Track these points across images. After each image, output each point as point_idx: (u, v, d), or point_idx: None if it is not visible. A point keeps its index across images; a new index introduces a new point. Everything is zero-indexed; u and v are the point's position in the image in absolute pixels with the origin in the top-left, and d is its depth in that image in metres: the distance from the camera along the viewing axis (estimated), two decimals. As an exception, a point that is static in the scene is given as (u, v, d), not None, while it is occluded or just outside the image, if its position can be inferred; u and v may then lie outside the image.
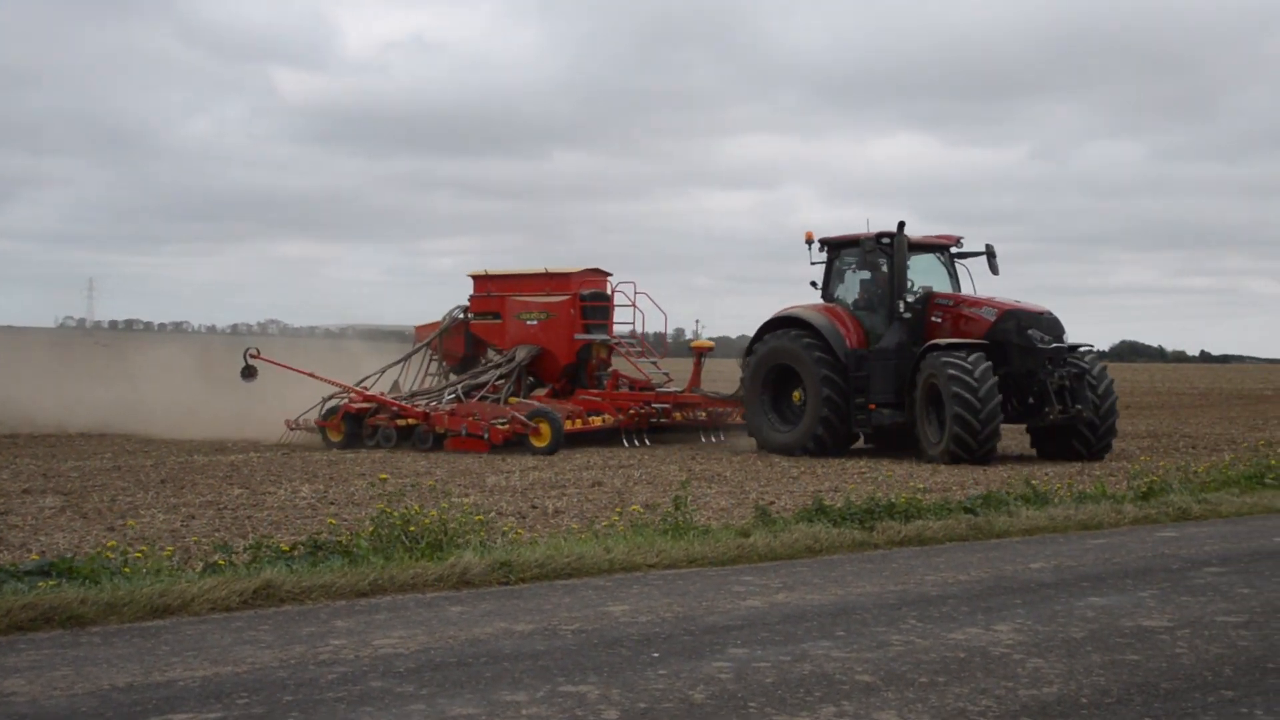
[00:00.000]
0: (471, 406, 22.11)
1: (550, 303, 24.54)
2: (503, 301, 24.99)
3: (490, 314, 25.13)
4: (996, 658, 6.77)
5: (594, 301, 24.80)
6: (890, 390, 20.29)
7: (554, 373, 24.51)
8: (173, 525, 11.85)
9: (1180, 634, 7.35)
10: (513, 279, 25.64)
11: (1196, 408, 37.85)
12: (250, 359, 22.32)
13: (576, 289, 24.60)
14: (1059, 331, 20.19)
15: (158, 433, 23.88)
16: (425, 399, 23.23)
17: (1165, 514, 12.44)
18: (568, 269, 25.19)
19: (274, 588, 8.07)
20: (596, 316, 24.80)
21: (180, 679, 6.25)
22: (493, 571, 8.82)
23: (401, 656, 6.71)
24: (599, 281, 25.35)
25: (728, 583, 8.89)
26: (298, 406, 23.26)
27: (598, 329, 24.71)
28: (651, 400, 23.41)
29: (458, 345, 25.42)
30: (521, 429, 21.07)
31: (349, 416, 22.45)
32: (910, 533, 10.83)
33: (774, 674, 6.41)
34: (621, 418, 23.00)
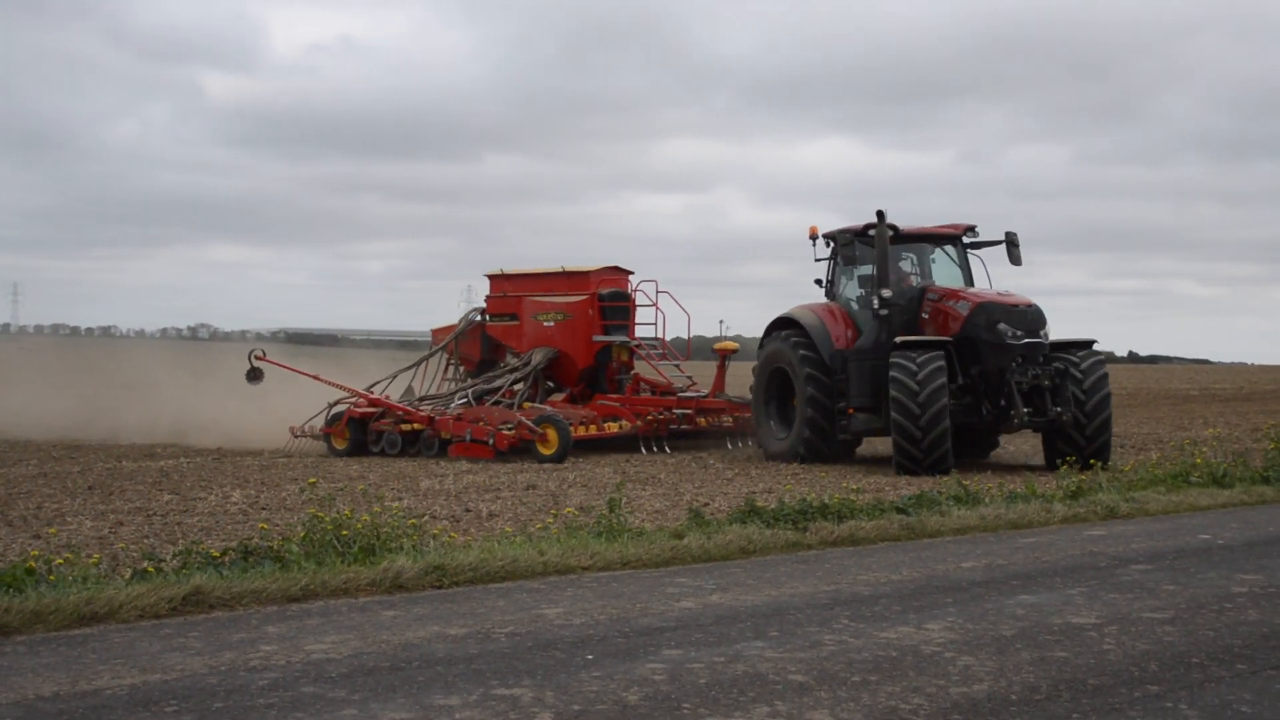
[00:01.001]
0: (478, 411, 21.16)
1: (567, 303, 23.44)
2: (519, 302, 23.91)
3: (507, 315, 24.10)
4: (928, 656, 6.83)
5: (613, 301, 23.67)
6: (867, 394, 18.95)
7: (572, 376, 23.52)
8: (100, 532, 11.68)
9: (1108, 631, 7.46)
10: (529, 278, 24.45)
11: (1124, 407, 38.33)
12: (256, 361, 21.74)
13: (595, 288, 23.49)
14: (1035, 325, 18.48)
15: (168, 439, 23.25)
16: (433, 404, 22.32)
17: (1094, 513, 12.61)
18: (586, 267, 24.04)
19: (204, 594, 7.97)
20: (616, 317, 23.63)
21: (108, 688, 6.15)
22: (426, 575, 8.78)
23: (334, 661, 6.66)
24: (619, 280, 24.16)
25: (662, 584, 8.90)
26: (292, 413, 22.46)
27: (617, 330, 23.54)
28: (672, 405, 22.26)
29: (474, 349, 24.49)
30: (528, 435, 20.01)
31: (353, 422, 21.55)
32: (843, 533, 10.90)
33: (708, 675, 6.42)
34: (639, 424, 21.76)
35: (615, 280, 23.99)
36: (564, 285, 23.85)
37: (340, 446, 21.40)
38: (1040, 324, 18.63)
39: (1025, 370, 18.27)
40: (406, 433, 21.23)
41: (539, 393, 23.20)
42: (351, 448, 21.29)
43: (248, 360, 21.97)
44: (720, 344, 23.86)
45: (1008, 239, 20.26)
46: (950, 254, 20.51)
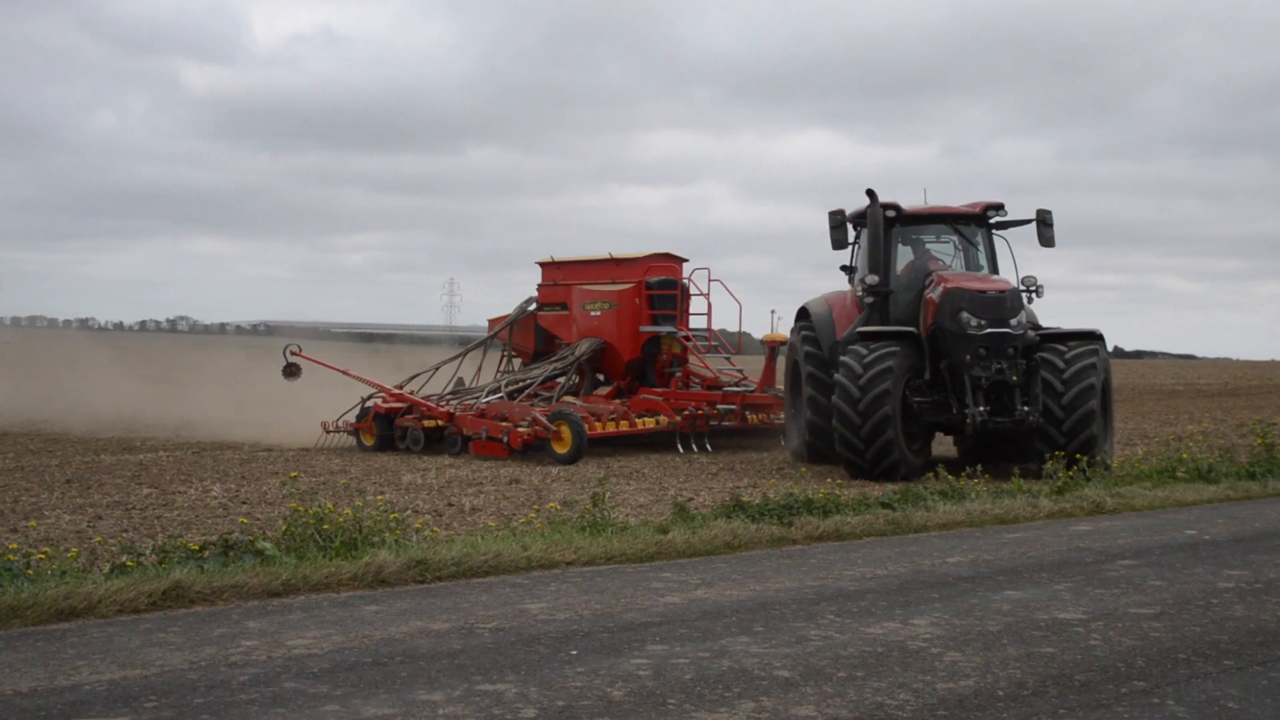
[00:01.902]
0: (500, 407, 19.85)
1: (614, 291, 22.04)
2: (569, 291, 22.59)
3: (557, 305, 22.84)
4: (914, 652, 6.79)
5: (662, 290, 22.01)
6: None
7: (618, 369, 22.19)
8: (79, 526, 11.58)
9: (1094, 626, 7.43)
10: (578, 266, 23.16)
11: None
12: (292, 356, 21.36)
13: (642, 276, 21.99)
14: (1002, 313, 16.59)
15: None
16: (459, 398, 21.31)
17: (1080, 508, 12.61)
18: (634, 254, 22.63)
19: (184, 588, 7.90)
20: (665, 307, 21.97)
21: (86, 683, 6.08)
22: (408, 570, 8.71)
23: (315, 657, 6.59)
24: (669, 268, 22.48)
25: (646, 579, 8.85)
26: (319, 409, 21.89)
27: (666, 321, 21.90)
28: (715, 400, 20.79)
29: (529, 339, 23.30)
30: (543, 433, 18.66)
31: (380, 418, 20.76)
32: (828, 528, 10.87)
33: (693, 670, 6.38)
34: (678, 420, 20.23)
35: (665, 268, 22.44)
36: (611, 273, 22.51)
37: (368, 443, 20.79)
38: (1009, 312, 16.64)
39: (989, 364, 16.45)
40: (429, 429, 20.38)
41: (584, 385, 22.15)
42: (379, 443, 20.63)
43: (284, 356, 21.64)
44: (769, 336, 21.87)
45: (1039, 217, 18.09)
46: (971, 236, 18.42)
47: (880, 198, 17.67)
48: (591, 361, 22.27)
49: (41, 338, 64.12)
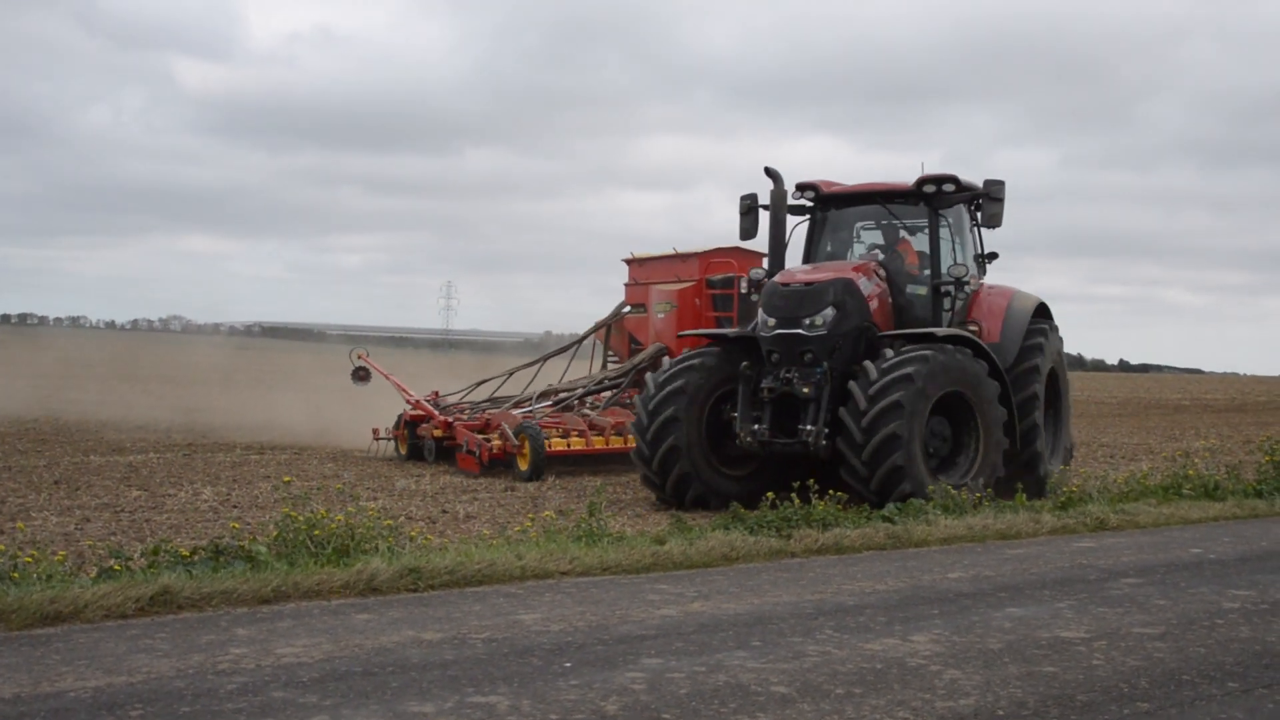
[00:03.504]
0: (501, 417, 18.52)
1: (674, 291, 20.32)
2: (646, 291, 21.01)
3: (639, 306, 21.25)
4: (913, 669, 6.69)
5: (725, 289, 19.95)
6: None
7: None
8: (66, 528, 11.46)
9: (1097, 645, 7.33)
10: (651, 263, 21.56)
11: (1115, 417, 38.42)
12: (358, 360, 21.11)
13: (703, 274, 20.23)
14: (796, 311, 13.92)
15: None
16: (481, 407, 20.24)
17: (1083, 524, 12.50)
18: (695, 249, 20.77)
19: (172, 594, 7.78)
20: (727, 308, 19.82)
21: (71, 689, 5.97)
22: (401, 578, 8.60)
23: (305, 666, 6.48)
24: (732, 264, 20.19)
25: (642, 591, 8.74)
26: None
27: (727, 323, 19.22)
28: None
29: (623, 343, 21.80)
30: (511, 448, 17.51)
31: (409, 425, 20.11)
32: (828, 541, 10.76)
33: (688, 685, 6.27)
34: None
35: (727, 264, 20.25)
36: (676, 271, 20.83)
37: (403, 450, 20.27)
38: (807, 309, 13.93)
39: (777, 372, 13.97)
40: (439, 438, 19.63)
41: None
42: (410, 452, 20.08)
43: (350, 360, 21.41)
44: None
45: (985, 190, 14.97)
46: (909, 217, 15.72)
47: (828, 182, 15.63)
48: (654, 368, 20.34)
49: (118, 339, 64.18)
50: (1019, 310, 15.79)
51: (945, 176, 14.86)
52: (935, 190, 14.91)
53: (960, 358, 13.65)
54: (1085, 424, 34.11)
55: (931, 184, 14.89)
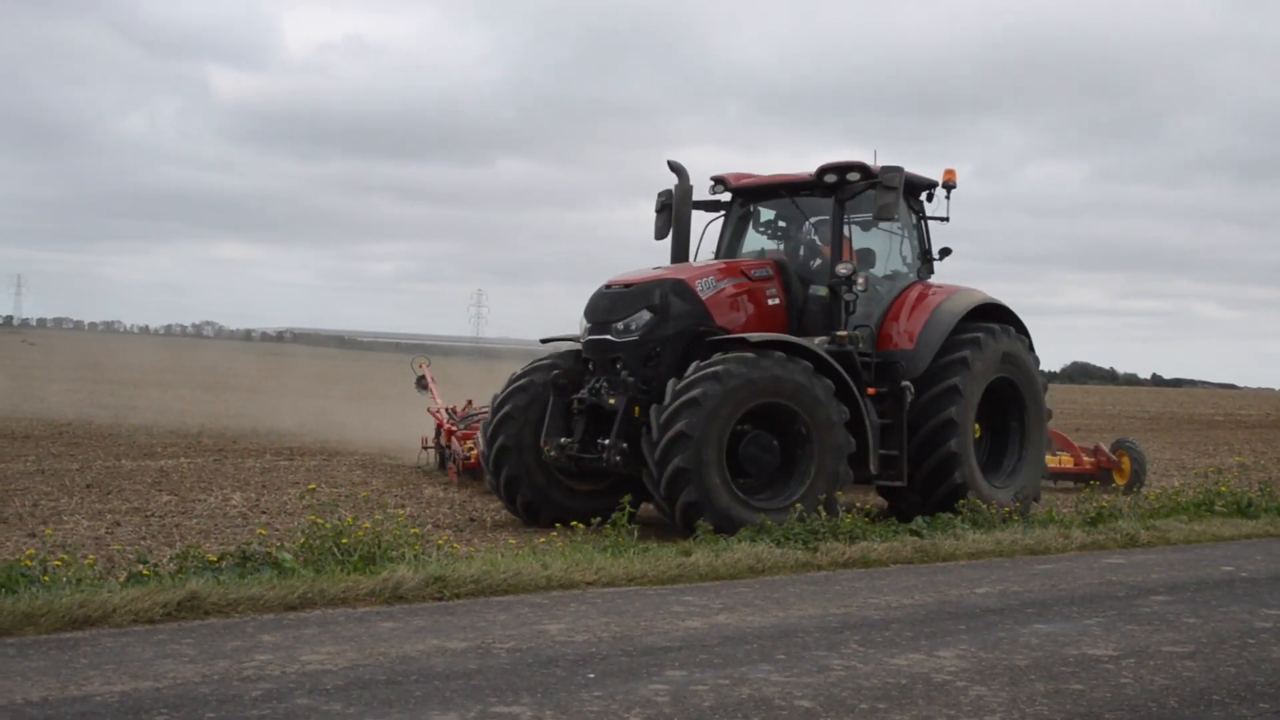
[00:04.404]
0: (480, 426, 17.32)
1: None
2: None
3: None
4: (939, 685, 6.64)
5: None
6: None
7: None
8: (97, 532, 11.52)
9: (1125, 663, 7.26)
10: None
11: (1147, 432, 38.13)
12: (419, 369, 21.12)
13: None
14: (608, 315, 13.04)
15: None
16: None
17: (1113, 540, 12.40)
18: None
19: (199, 600, 7.81)
20: None
21: (98, 693, 5.99)
22: (427, 586, 8.60)
23: (329, 673, 6.49)
24: None
25: (667, 602, 8.72)
26: None
27: None
28: None
29: None
30: None
31: (436, 433, 19.69)
32: (854, 554, 10.71)
33: (712, 697, 6.25)
34: None
35: None
36: None
37: (437, 459, 19.78)
38: (618, 313, 12.95)
39: (596, 381, 13.05)
40: None
41: None
42: (439, 461, 19.56)
43: (412, 369, 21.45)
44: None
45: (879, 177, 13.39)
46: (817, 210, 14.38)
47: None
48: None
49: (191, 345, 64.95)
50: (945, 314, 13.90)
51: (850, 164, 13.57)
52: (837, 180, 13.61)
53: (774, 367, 12.16)
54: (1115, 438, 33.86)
55: (833, 173, 13.63)
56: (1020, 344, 14.54)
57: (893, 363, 13.58)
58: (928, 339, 13.71)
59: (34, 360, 59.06)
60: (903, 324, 13.90)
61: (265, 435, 24.25)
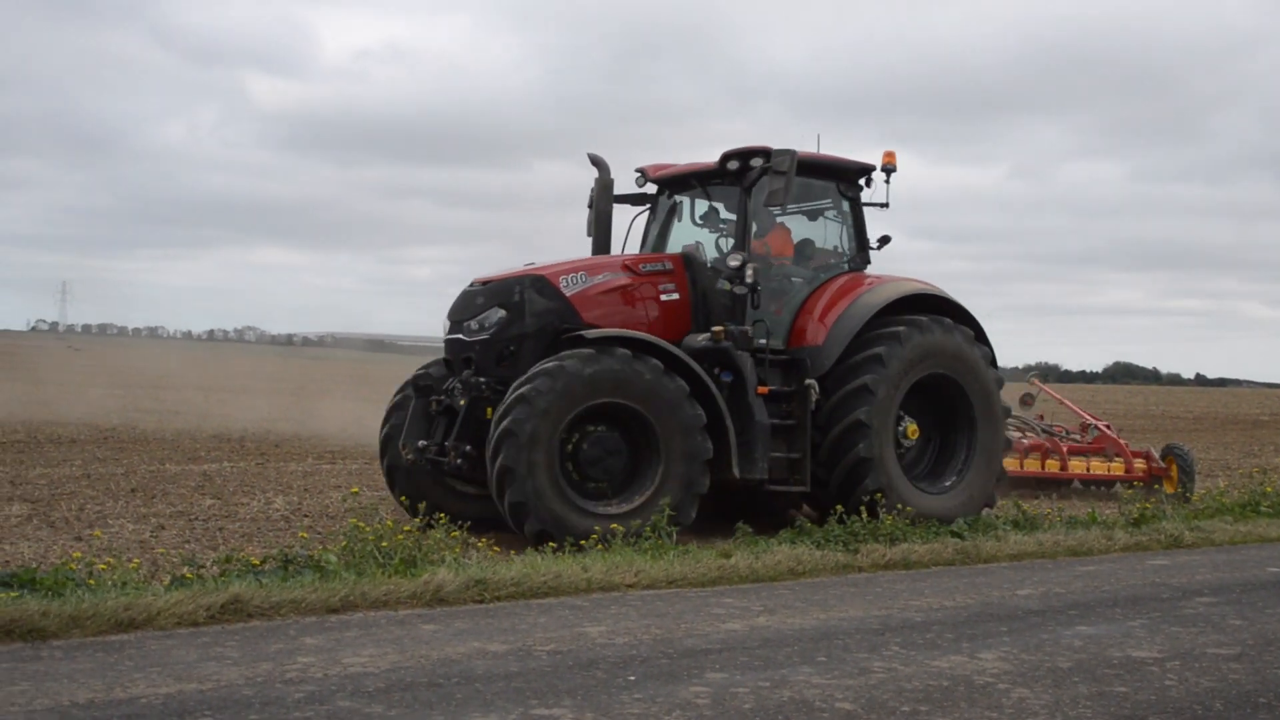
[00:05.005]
0: None
1: None
2: None
3: None
4: (981, 687, 6.61)
5: None
6: None
7: None
8: (141, 536, 11.62)
9: (1170, 665, 7.20)
10: None
11: (1191, 432, 37.72)
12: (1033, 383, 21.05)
13: None
14: (463, 314, 12.62)
15: None
16: None
17: (1157, 541, 12.30)
18: None
19: (242, 603, 7.87)
20: None
21: (143, 696, 6.05)
22: (467, 589, 8.64)
23: (371, 675, 6.53)
24: None
25: (707, 605, 8.72)
26: None
27: None
28: None
29: None
30: None
31: None
32: (895, 556, 10.68)
33: (753, 700, 6.24)
34: None
35: None
36: None
37: None
38: (470, 312, 12.53)
39: (451, 382, 12.63)
40: None
41: None
42: None
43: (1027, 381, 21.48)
44: None
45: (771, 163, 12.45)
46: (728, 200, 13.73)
47: None
48: None
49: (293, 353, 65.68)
50: (861, 307, 13.00)
51: (753, 150, 12.73)
52: (739, 167, 12.89)
53: (615, 365, 11.52)
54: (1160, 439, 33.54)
55: (736, 159, 12.91)
56: (960, 337, 13.32)
57: (800, 360, 12.80)
58: (838, 334, 12.83)
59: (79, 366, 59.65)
60: (816, 318, 13.04)
61: (307, 439, 24.41)
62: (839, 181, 13.64)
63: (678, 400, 11.62)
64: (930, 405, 13.39)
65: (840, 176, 13.61)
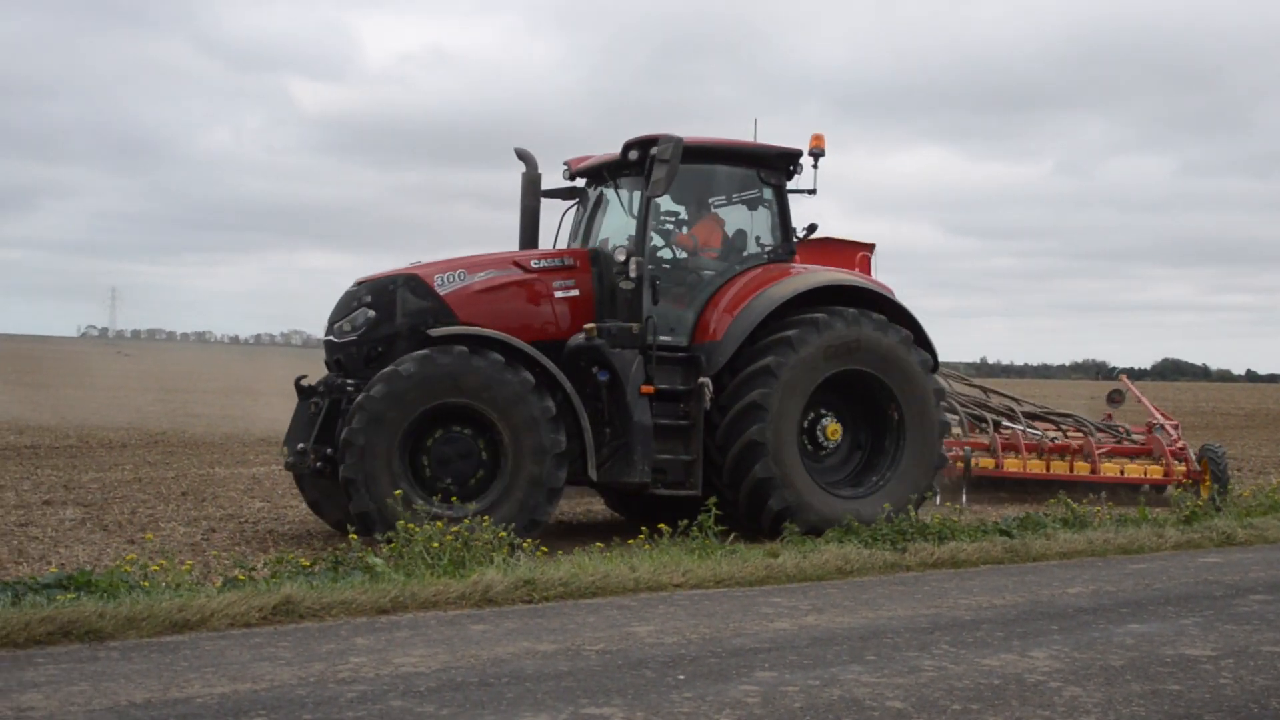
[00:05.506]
0: None
1: None
2: None
3: None
4: (1032, 685, 6.58)
5: None
6: None
7: None
8: (193, 539, 11.76)
9: (1224, 664, 7.13)
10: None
11: (1242, 429, 37.34)
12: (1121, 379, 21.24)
13: None
14: (338, 314, 12.26)
15: None
16: None
17: (1209, 539, 12.17)
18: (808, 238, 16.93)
19: (294, 604, 7.94)
20: None
21: (199, 695, 6.13)
22: (516, 590, 8.68)
23: (422, 675, 6.58)
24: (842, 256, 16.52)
25: (755, 604, 8.72)
26: None
27: None
28: None
29: None
30: None
31: None
32: (943, 555, 10.63)
33: (802, 699, 6.24)
34: None
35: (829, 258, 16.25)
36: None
37: None
38: (340, 313, 12.22)
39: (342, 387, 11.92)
40: None
41: None
42: None
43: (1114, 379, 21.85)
44: None
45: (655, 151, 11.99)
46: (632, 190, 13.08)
47: None
48: None
49: None
50: (764, 300, 12.32)
51: (653, 139, 12.16)
52: (639, 156, 12.32)
53: (453, 364, 11.18)
54: (1210, 435, 33.22)
55: (636, 149, 12.35)
56: (882, 330, 12.48)
57: (697, 358, 12.26)
58: (735, 330, 12.19)
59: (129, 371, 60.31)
60: (719, 313, 12.41)
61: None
62: (760, 168, 12.96)
63: (521, 394, 11.22)
64: (861, 404, 12.77)
65: (761, 163, 12.95)
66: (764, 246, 12.98)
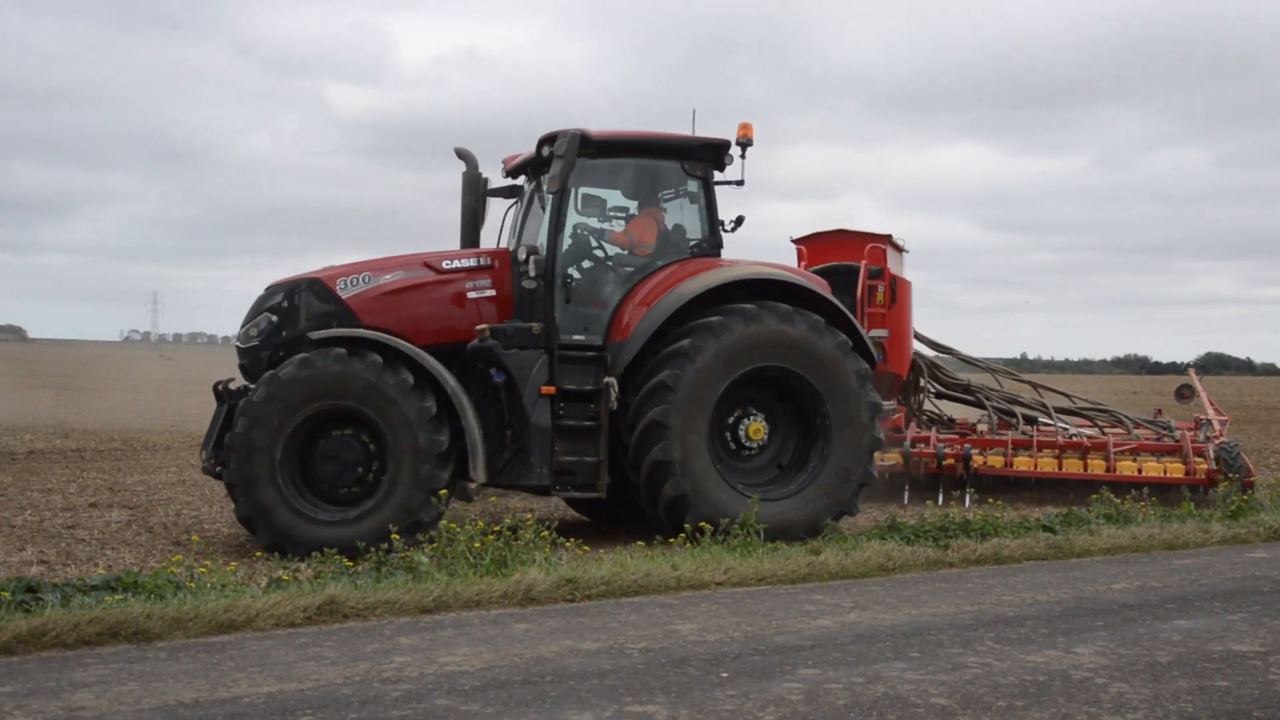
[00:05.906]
0: None
1: None
2: None
3: None
4: (1078, 682, 6.54)
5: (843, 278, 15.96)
6: None
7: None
8: (238, 540, 11.84)
9: (1273, 659, 7.07)
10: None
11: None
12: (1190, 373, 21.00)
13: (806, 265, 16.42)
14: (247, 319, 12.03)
15: None
16: None
17: (1256, 534, 12.06)
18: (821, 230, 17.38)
19: (338, 604, 8.00)
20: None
21: (245, 695, 6.18)
22: (558, 589, 8.70)
23: (466, 674, 6.61)
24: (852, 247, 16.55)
25: (798, 601, 8.71)
26: None
27: None
28: None
29: None
30: None
31: None
32: (986, 551, 10.58)
33: (846, 696, 6.23)
34: None
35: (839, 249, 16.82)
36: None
37: None
38: (248, 317, 12.02)
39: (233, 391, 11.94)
40: None
41: None
42: None
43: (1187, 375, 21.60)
44: None
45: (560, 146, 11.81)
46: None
47: None
48: None
49: None
50: (674, 296, 11.92)
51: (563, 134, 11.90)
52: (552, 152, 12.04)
53: (331, 365, 11.01)
54: (1256, 430, 32.89)
55: (548, 144, 12.13)
56: (805, 326, 11.97)
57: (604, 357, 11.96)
58: (642, 328, 11.83)
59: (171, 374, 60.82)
60: (631, 310, 12.06)
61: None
62: (684, 161, 12.51)
63: (399, 394, 11.05)
64: (789, 400, 12.34)
65: (685, 155, 12.49)
66: (689, 241, 12.56)
